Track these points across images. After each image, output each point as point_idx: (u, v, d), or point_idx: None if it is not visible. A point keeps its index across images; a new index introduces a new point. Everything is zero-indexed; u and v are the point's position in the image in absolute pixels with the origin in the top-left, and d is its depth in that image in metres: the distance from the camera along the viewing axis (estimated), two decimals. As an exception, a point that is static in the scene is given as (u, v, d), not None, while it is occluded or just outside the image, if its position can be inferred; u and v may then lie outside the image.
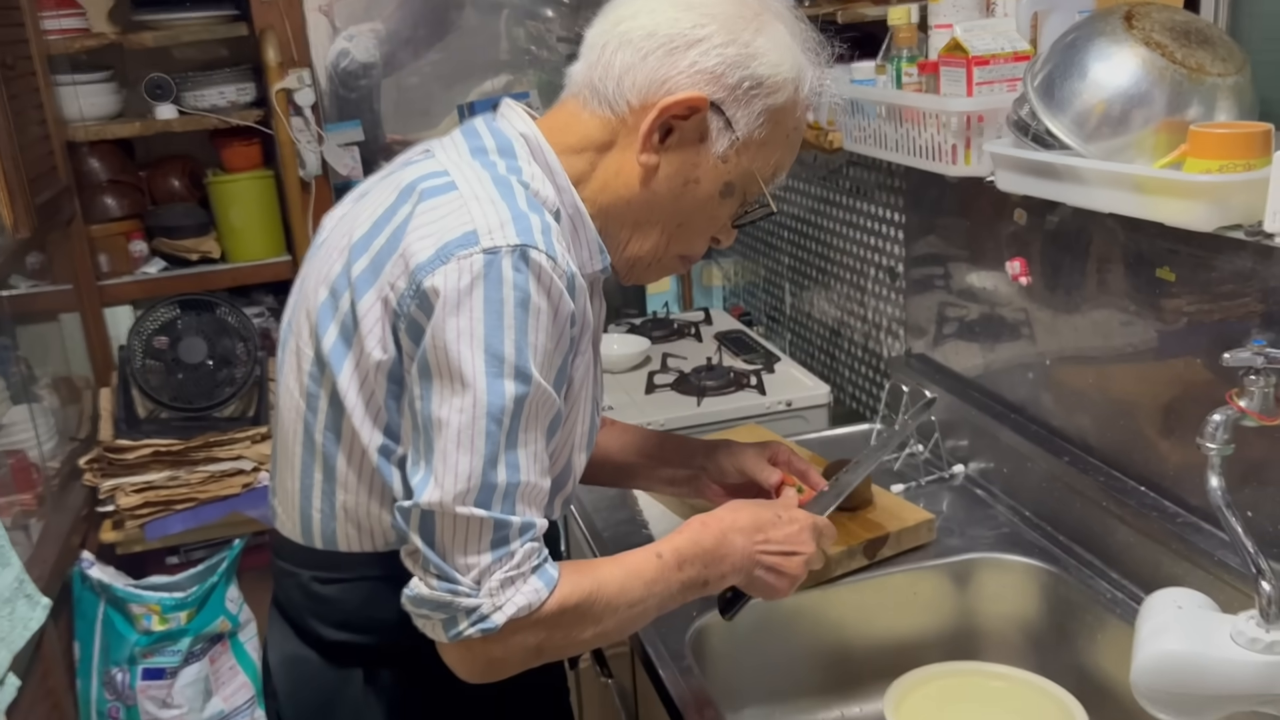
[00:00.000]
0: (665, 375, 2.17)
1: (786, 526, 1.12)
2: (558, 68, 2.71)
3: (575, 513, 1.67)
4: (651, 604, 1.02)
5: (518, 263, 0.92)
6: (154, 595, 2.10)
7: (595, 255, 1.06)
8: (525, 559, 0.94)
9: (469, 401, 0.91)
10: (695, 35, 1.00)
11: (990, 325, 1.62)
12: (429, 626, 0.95)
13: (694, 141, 1.03)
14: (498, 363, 0.91)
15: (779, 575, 1.10)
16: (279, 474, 1.12)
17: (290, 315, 1.11)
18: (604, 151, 1.05)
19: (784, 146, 1.08)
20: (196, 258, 2.59)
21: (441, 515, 0.92)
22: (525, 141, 1.04)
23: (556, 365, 0.97)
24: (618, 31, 1.03)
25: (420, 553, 0.93)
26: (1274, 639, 0.89)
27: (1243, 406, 0.97)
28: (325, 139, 2.54)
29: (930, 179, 1.67)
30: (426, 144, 1.12)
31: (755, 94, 1.02)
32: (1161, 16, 1.23)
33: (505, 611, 0.93)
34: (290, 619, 1.13)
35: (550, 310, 0.94)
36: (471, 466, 0.92)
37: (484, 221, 0.94)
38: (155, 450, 2.20)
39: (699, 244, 1.12)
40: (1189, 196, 1.11)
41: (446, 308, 0.91)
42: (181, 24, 2.46)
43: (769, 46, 1.02)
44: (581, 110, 1.06)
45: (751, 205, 1.11)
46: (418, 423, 0.95)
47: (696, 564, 1.05)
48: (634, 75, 1.01)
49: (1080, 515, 1.43)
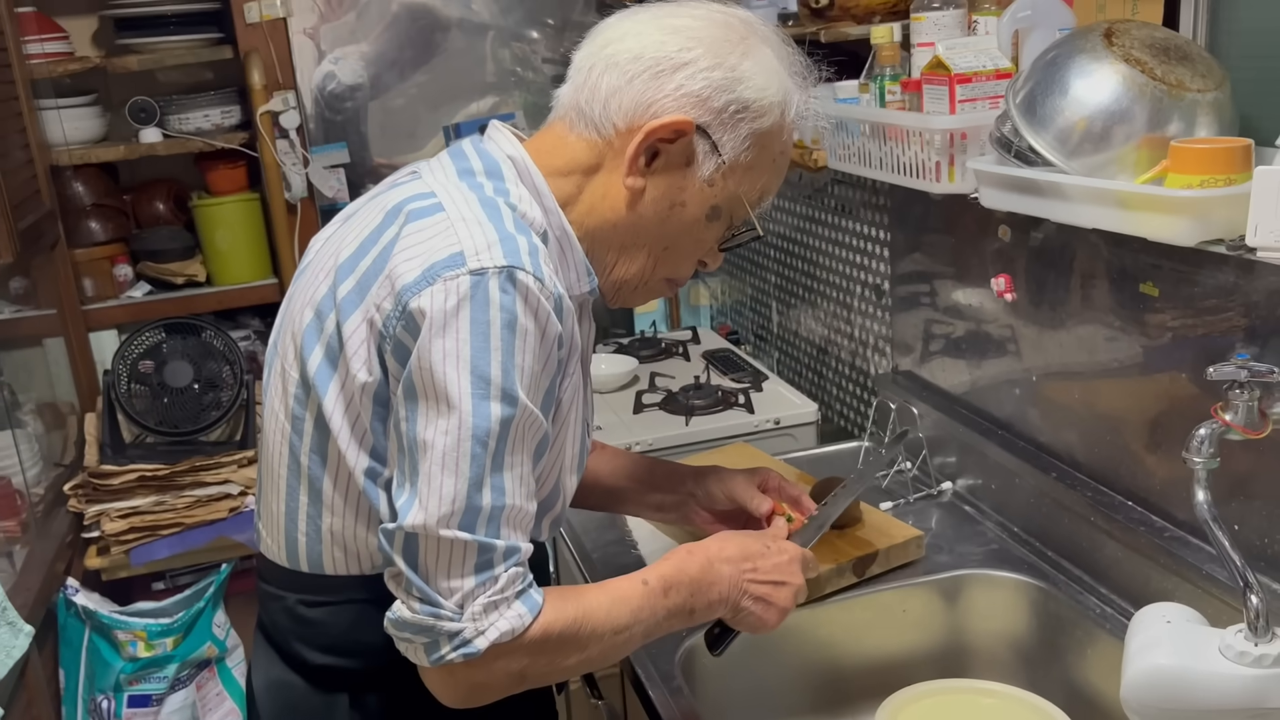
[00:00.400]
0: (653, 395, 2.16)
1: (775, 557, 1.12)
2: (543, 89, 2.72)
3: (564, 534, 1.67)
4: (637, 631, 1.02)
5: (504, 284, 0.92)
6: (140, 621, 2.08)
7: (583, 277, 1.06)
8: (509, 583, 0.94)
9: (454, 423, 0.91)
10: (681, 59, 1.01)
11: (976, 342, 1.63)
12: (411, 650, 0.95)
13: (680, 165, 1.03)
14: (484, 384, 0.91)
15: (767, 606, 1.10)
16: (264, 497, 1.11)
17: (276, 337, 1.10)
18: (591, 174, 1.05)
19: (770, 170, 1.08)
20: (182, 281, 2.58)
21: (425, 538, 0.91)
22: (513, 163, 1.04)
23: (544, 387, 0.97)
24: (604, 54, 1.03)
25: (403, 575, 0.93)
26: (1263, 653, 0.89)
27: (1227, 420, 0.97)
28: (310, 161, 2.54)
29: (914, 196, 1.68)
30: (414, 165, 1.12)
31: (741, 118, 1.02)
32: (1141, 33, 1.24)
33: (488, 636, 0.92)
34: (275, 643, 1.12)
35: (537, 332, 0.94)
36: (456, 489, 0.91)
37: (471, 243, 0.94)
38: (141, 475, 2.18)
39: (685, 267, 1.12)
40: (1171, 212, 1.11)
41: (433, 329, 0.91)
42: (166, 47, 2.46)
43: (755, 70, 1.02)
44: (568, 133, 1.06)
45: (738, 229, 1.11)
46: (403, 444, 0.94)
47: (683, 591, 1.05)
48: (620, 98, 1.01)
49: (1068, 531, 1.43)
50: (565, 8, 2.70)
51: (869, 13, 1.77)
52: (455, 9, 2.62)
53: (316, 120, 2.59)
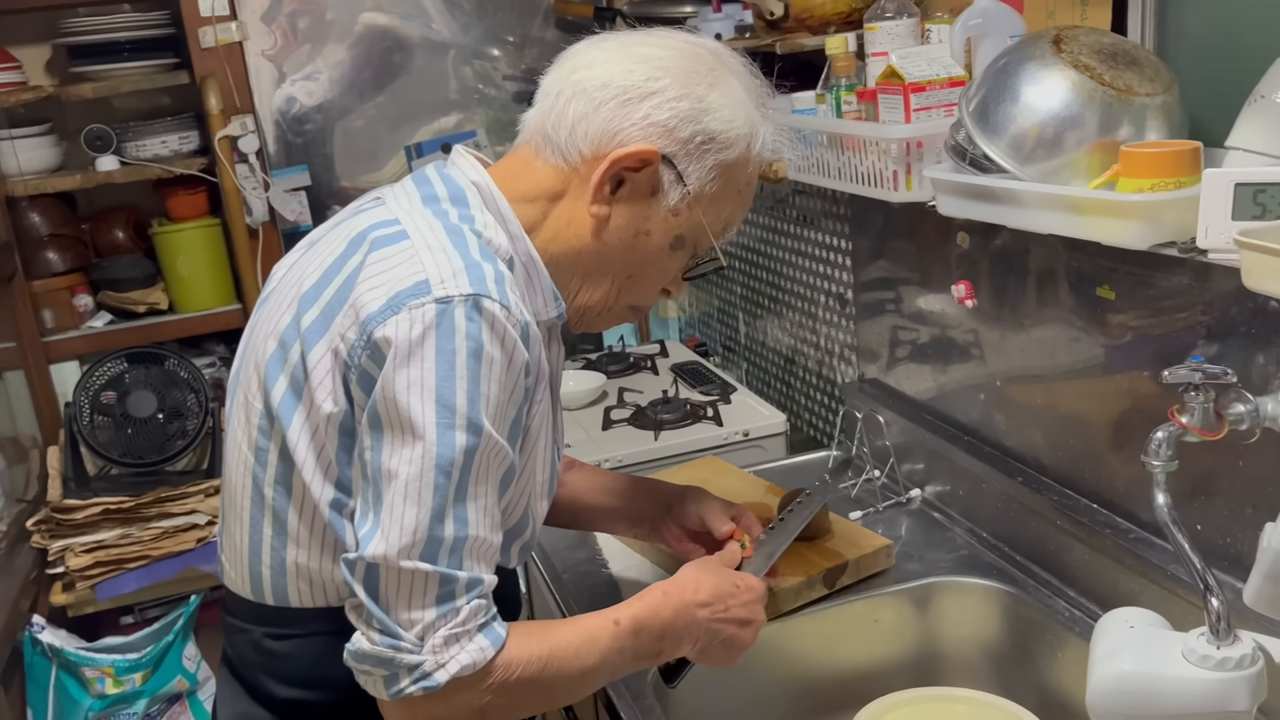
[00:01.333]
0: (622, 410, 2.16)
1: (744, 595, 1.12)
2: (505, 105, 2.72)
3: (534, 555, 1.66)
4: (604, 671, 1.02)
5: (470, 312, 0.91)
6: (107, 658, 2.05)
7: (550, 302, 1.06)
8: (471, 616, 0.93)
9: (418, 453, 0.90)
10: (649, 88, 1.01)
11: (940, 348, 1.63)
12: (370, 683, 0.94)
13: (645, 194, 1.03)
14: (449, 414, 0.90)
15: (733, 648, 1.11)
16: (227, 529, 1.10)
17: (238, 367, 1.09)
18: (556, 200, 1.05)
19: (735, 201, 1.08)
20: (144, 309, 2.55)
21: (386, 569, 0.90)
22: (477, 189, 1.04)
23: (511, 417, 0.96)
24: (572, 80, 1.03)
25: (364, 606, 0.92)
26: (1224, 655, 0.89)
27: (1184, 423, 0.97)
28: (271, 185, 2.52)
29: (874, 205, 1.68)
30: (378, 191, 1.11)
31: (707, 149, 1.02)
32: (1089, 39, 1.25)
33: (448, 670, 0.91)
34: (241, 677, 1.11)
35: (504, 360, 0.93)
36: (418, 520, 0.90)
37: (436, 271, 0.93)
38: (105, 508, 2.15)
39: (649, 295, 1.12)
40: (1123, 216, 1.12)
41: (398, 358, 0.91)
42: (120, 74, 2.44)
43: (722, 102, 1.02)
44: (534, 158, 1.06)
45: (702, 258, 1.11)
46: (367, 473, 0.93)
47: (653, 635, 1.05)
48: (586, 125, 1.01)
49: (1036, 535, 1.43)
50: (524, 24, 2.70)
51: (824, 23, 1.78)
52: (415, 29, 2.62)
53: (278, 143, 2.57)
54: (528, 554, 1.14)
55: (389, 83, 2.63)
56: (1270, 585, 0.87)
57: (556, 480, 1.16)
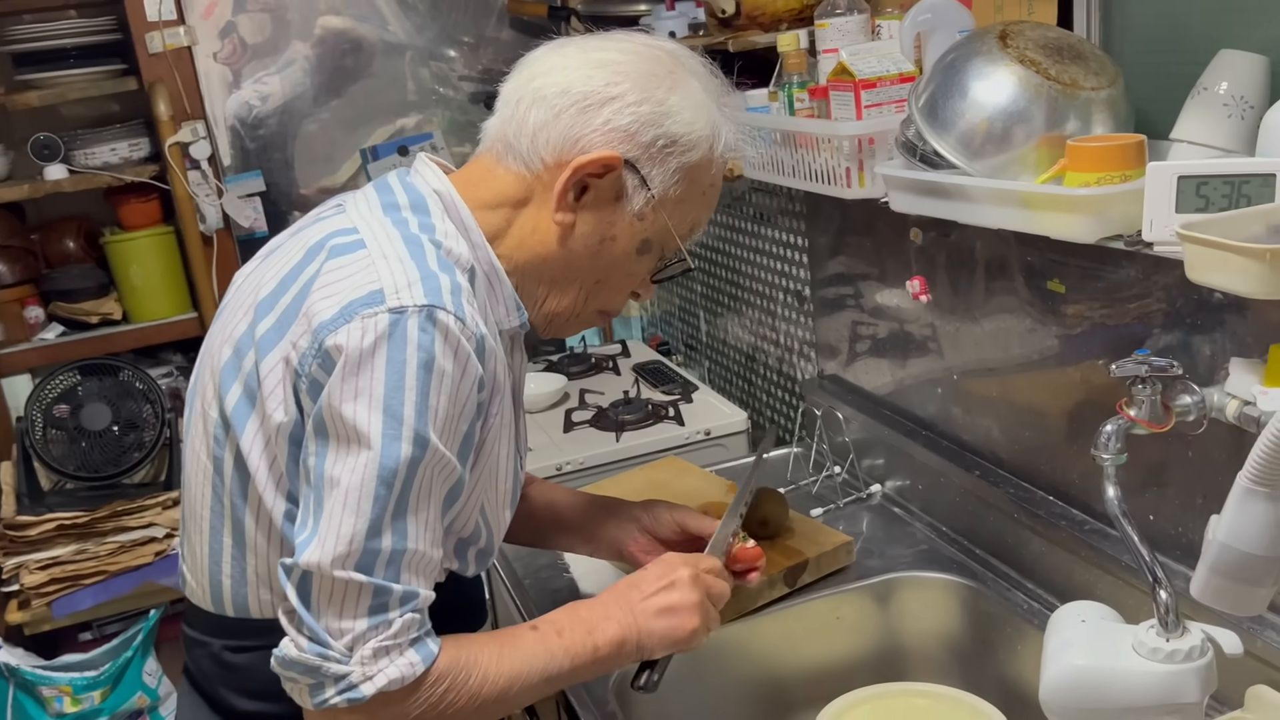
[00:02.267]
0: (583, 412, 2.15)
1: (655, 568, 1.10)
2: (463, 106, 2.71)
3: (495, 562, 1.64)
4: (536, 678, 1.00)
5: (424, 323, 0.91)
6: (64, 676, 2.02)
7: (512, 311, 1.05)
8: (404, 629, 0.92)
9: (362, 461, 0.90)
10: (608, 93, 1.00)
11: (898, 344, 1.63)
12: (296, 691, 0.93)
13: (610, 200, 1.03)
14: (396, 424, 0.90)
15: (673, 613, 1.06)
16: (188, 539, 1.09)
17: (196, 375, 1.08)
18: (520, 208, 1.04)
19: (700, 203, 1.08)
20: (97, 320, 2.51)
21: (320, 576, 0.90)
22: (439, 198, 1.03)
23: (461, 431, 0.95)
24: (531, 87, 1.02)
25: (296, 612, 0.91)
26: (1174, 648, 0.89)
27: (1132, 416, 0.98)
28: (225, 191, 2.49)
29: (829, 202, 1.68)
30: (339, 198, 1.10)
31: (670, 152, 1.02)
32: (1035, 34, 1.25)
33: (375, 683, 0.90)
34: (202, 690, 1.09)
35: (456, 373, 0.92)
36: (355, 529, 0.89)
37: (391, 280, 0.93)
38: (59, 524, 2.12)
39: (618, 300, 1.11)
40: (1070, 210, 1.12)
41: (347, 366, 0.90)
42: (67, 81, 2.40)
43: (683, 104, 1.02)
44: (496, 165, 1.05)
45: (669, 260, 1.10)
46: (310, 479, 0.93)
47: (577, 630, 1.03)
48: (548, 133, 1.01)
49: (994, 528, 1.44)
50: (479, 25, 2.69)
51: (775, 20, 1.78)
52: (371, 31, 2.59)
53: (232, 149, 2.54)
54: (487, 562, 1.13)
55: (344, 86, 2.60)
56: (1216, 577, 0.87)
57: (520, 489, 1.15)
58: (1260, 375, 0.97)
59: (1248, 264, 0.86)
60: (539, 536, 1.37)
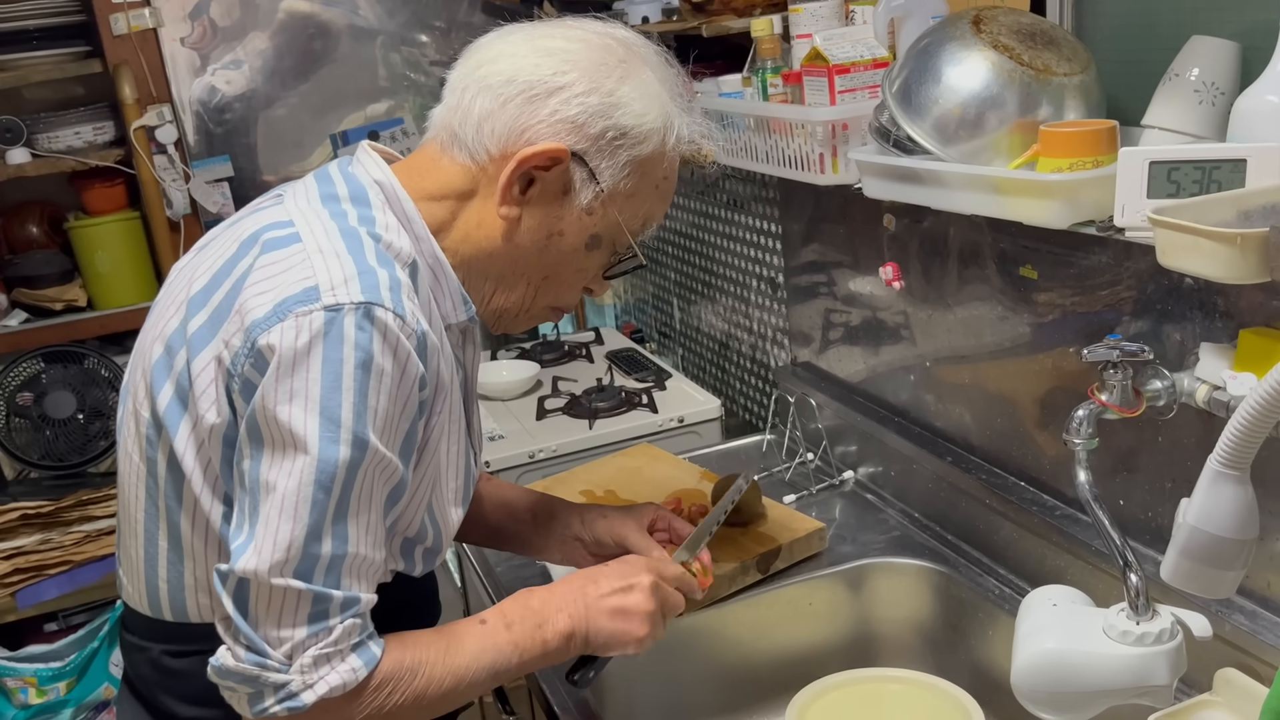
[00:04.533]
0: (556, 399, 2.14)
1: (618, 566, 1.07)
2: (434, 91, 2.65)
3: (466, 548, 1.63)
4: (482, 674, 0.97)
5: (361, 321, 0.88)
6: (29, 667, 1.99)
7: (459, 305, 1.02)
8: (345, 636, 0.89)
9: (298, 466, 0.87)
10: (556, 83, 0.97)
11: (870, 330, 1.63)
12: (235, 699, 0.90)
13: (557, 193, 0.99)
14: (333, 427, 0.87)
15: (625, 615, 1.03)
16: (123, 542, 1.06)
17: (129, 374, 1.04)
18: (465, 200, 1.01)
19: (653, 197, 1.04)
20: (61, 307, 2.46)
21: (256, 584, 0.87)
22: (380, 188, 1.00)
23: (403, 430, 0.92)
24: (477, 75, 0.99)
25: (232, 621, 0.88)
26: (1144, 631, 0.90)
27: (1104, 401, 0.98)
28: (193, 176, 2.45)
29: (802, 189, 1.68)
30: (281, 188, 1.07)
31: (620, 144, 0.98)
32: (1008, 20, 1.25)
33: (316, 690, 0.88)
34: (141, 696, 1.07)
35: (396, 372, 0.90)
36: (293, 535, 0.87)
37: (327, 277, 0.89)
38: (23, 513, 2.09)
39: (569, 295, 1.08)
40: (1042, 196, 1.12)
41: (281, 367, 0.87)
42: (30, 63, 2.34)
43: (634, 95, 0.99)
44: (441, 155, 1.01)
45: (622, 255, 1.07)
46: (244, 483, 0.89)
47: (527, 623, 1.00)
48: (493, 123, 0.97)
49: (966, 514, 1.44)
50: (451, 9, 2.66)
51: (749, 5, 1.77)
52: (340, 15, 2.56)
53: (198, 134, 2.50)
54: (435, 560, 1.09)
55: (314, 70, 2.57)
56: (1186, 560, 0.88)
57: (474, 486, 1.12)
58: (1230, 360, 0.98)
59: (1218, 248, 0.86)
60: (490, 539, 1.33)
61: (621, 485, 1.67)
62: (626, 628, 1.04)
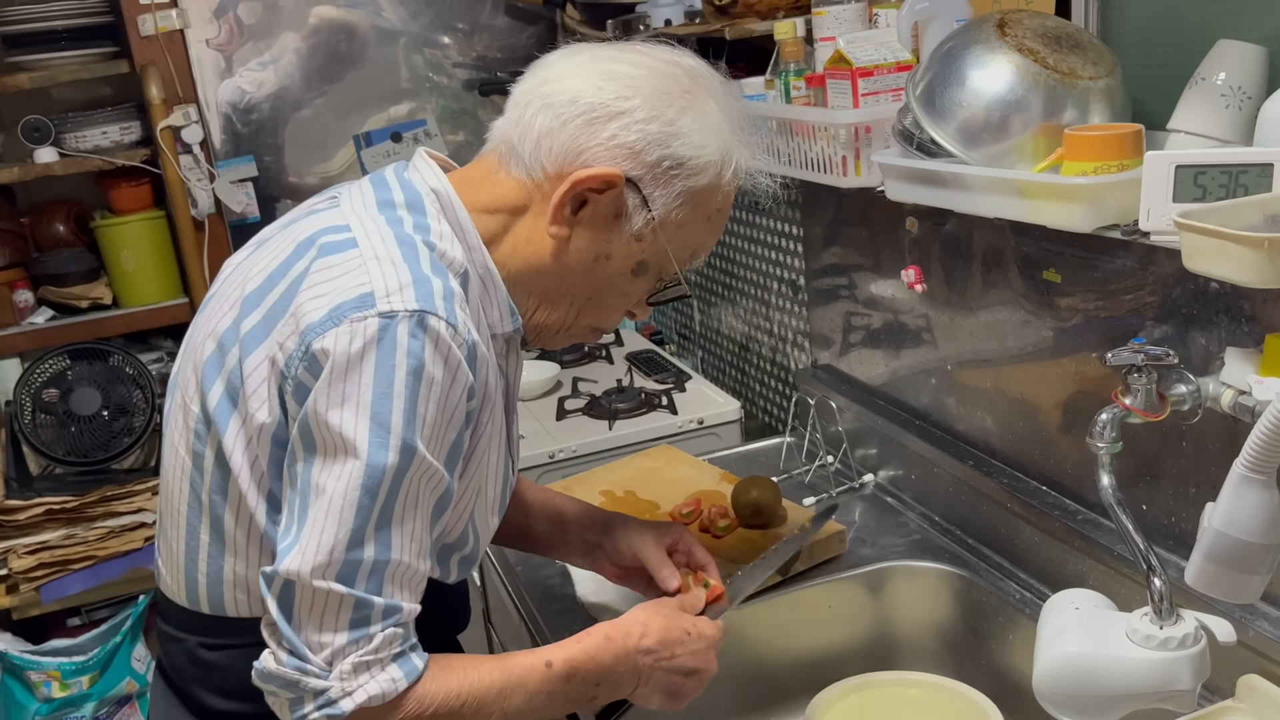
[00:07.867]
0: (576, 400, 2.14)
1: (695, 644, 1.08)
2: (456, 93, 2.70)
3: (489, 549, 1.64)
4: (529, 715, 0.97)
5: (414, 329, 0.88)
6: (53, 661, 2.01)
7: (506, 316, 1.03)
8: (386, 644, 0.90)
9: (347, 470, 0.88)
10: (618, 107, 0.96)
11: (892, 333, 1.63)
12: (277, 705, 0.91)
13: (608, 217, 0.99)
14: (383, 432, 0.87)
15: (676, 697, 1.06)
16: (164, 533, 1.07)
17: (178, 367, 1.06)
18: (517, 215, 1.01)
19: (704, 229, 1.04)
20: (87, 305, 2.49)
21: (300, 586, 0.88)
22: (436, 197, 1.00)
23: (450, 440, 0.93)
24: (541, 92, 0.99)
25: (276, 625, 0.89)
26: (1167, 635, 0.90)
27: (1128, 404, 0.98)
28: (217, 176, 2.47)
29: (824, 191, 1.68)
30: (334, 190, 1.08)
31: (675, 174, 0.98)
32: (1033, 23, 1.25)
33: (354, 699, 0.88)
34: (175, 687, 1.08)
35: (446, 381, 0.90)
36: (336, 539, 0.87)
37: (382, 283, 0.90)
38: (48, 509, 2.11)
39: (611, 317, 1.08)
40: (1067, 199, 1.12)
41: (334, 371, 0.88)
42: (58, 63, 2.38)
43: (694, 126, 0.98)
44: (499, 168, 1.02)
45: (668, 283, 1.07)
46: (295, 484, 0.91)
47: (589, 681, 1.01)
48: (552, 141, 0.98)
49: (987, 518, 1.44)
50: (474, 11, 2.68)
51: (772, 8, 1.77)
52: (365, 17, 2.58)
53: (224, 134, 2.52)
54: (469, 568, 1.10)
55: (338, 72, 2.59)
56: (1211, 565, 0.87)
57: (510, 494, 1.12)
58: (1256, 365, 0.97)
59: (1245, 253, 0.86)
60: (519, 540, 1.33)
61: (641, 486, 1.67)
62: (670, 703, 1.07)
